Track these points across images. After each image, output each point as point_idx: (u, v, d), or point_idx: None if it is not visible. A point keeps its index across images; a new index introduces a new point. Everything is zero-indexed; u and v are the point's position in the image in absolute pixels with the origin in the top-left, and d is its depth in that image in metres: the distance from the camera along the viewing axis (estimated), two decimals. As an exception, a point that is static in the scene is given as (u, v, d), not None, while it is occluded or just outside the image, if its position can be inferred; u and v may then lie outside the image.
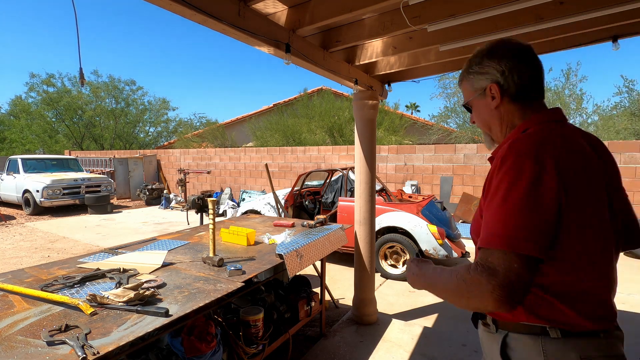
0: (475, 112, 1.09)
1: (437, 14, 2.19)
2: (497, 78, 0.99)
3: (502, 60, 0.98)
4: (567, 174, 0.83)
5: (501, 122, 1.03)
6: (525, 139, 0.88)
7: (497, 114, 1.02)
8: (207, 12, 1.70)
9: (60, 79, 21.54)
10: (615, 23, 2.25)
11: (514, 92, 0.98)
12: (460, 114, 12.21)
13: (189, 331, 1.83)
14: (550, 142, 0.86)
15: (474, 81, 1.05)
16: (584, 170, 0.86)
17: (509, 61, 0.98)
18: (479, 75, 1.03)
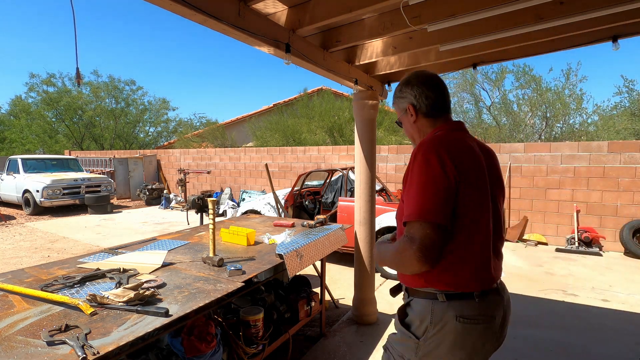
0: (404, 127, 1.41)
1: (437, 14, 2.19)
2: (412, 101, 1.31)
3: (414, 87, 1.30)
4: (460, 163, 1.11)
5: (419, 132, 1.34)
6: (429, 140, 1.16)
7: (415, 127, 1.34)
8: (207, 12, 1.70)
9: (61, 79, 21.57)
10: (615, 23, 2.25)
11: (425, 111, 1.30)
12: (460, 114, 12.21)
13: (189, 331, 1.83)
14: (447, 142, 1.16)
15: (399, 103, 1.37)
16: (472, 163, 1.15)
17: (419, 88, 1.30)
18: (401, 99, 1.35)
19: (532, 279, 4.65)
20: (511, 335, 3.12)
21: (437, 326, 1.12)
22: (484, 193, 1.16)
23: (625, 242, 5.72)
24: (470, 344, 1.12)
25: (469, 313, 1.11)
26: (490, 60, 3.09)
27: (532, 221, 6.80)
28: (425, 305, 1.15)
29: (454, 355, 1.12)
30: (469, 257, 1.12)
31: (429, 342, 1.13)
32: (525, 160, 6.82)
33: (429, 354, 1.14)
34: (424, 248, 1.04)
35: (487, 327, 1.15)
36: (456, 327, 1.10)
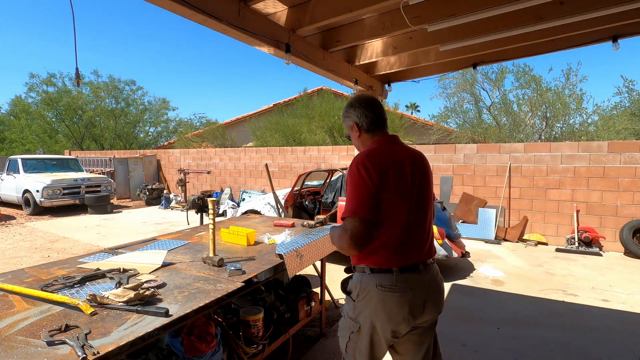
0: (352, 140, 1.70)
1: (437, 14, 2.19)
2: (356, 120, 1.62)
3: (357, 109, 1.61)
4: (383, 171, 1.42)
5: (362, 144, 1.65)
6: (361, 154, 1.48)
7: (360, 140, 1.65)
8: (207, 12, 1.70)
9: (61, 79, 21.56)
10: (615, 23, 2.25)
11: (366, 127, 1.61)
12: (460, 114, 12.21)
13: (189, 331, 1.83)
14: (373, 155, 1.47)
15: (346, 122, 1.68)
16: (393, 171, 1.44)
17: (360, 109, 1.60)
18: (347, 118, 1.66)
19: (532, 279, 4.65)
20: (511, 335, 3.12)
21: (364, 291, 1.48)
22: (403, 195, 1.46)
23: (625, 242, 5.72)
24: (388, 306, 1.44)
25: (386, 283, 1.43)
26: (490, 60, 3.10)
27: (532, 221, 6.80)
28: (358, 277, 1.52)
29: (377, 314, 1.45)
30: (388, 245, 1.44)
31: (360, 303, 1.49)
32: (525, 160, 6.82)
33: (361, 312, 1.48)
34: (354, 237, 1.39)
35: (402, 296, 1.43)
36: (377, 293, 1.44)
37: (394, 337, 1.48)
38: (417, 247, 1.49)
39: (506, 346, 2.95)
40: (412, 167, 1.51)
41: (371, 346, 1.49)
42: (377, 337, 1.47)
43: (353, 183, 1.43)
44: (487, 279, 4.66)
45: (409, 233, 1.46)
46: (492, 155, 7.13)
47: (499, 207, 6.96)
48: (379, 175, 1.40)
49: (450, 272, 4.91)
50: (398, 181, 1.44)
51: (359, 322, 1.48)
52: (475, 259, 5.48)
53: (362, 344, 1.49)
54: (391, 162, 1.47)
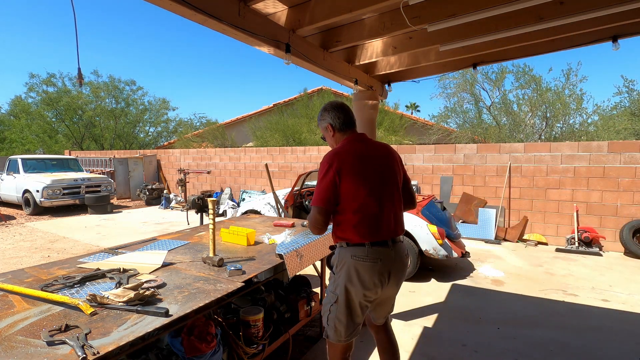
0: (327, 140, 1.97)
1: (437, 14, 2.19)
2: (330, 121, 1.91)
3: (330, 112, 1.91)
4: (344, 168, 1.70)
5: (336, 143, 1.91)
6: (328, 153, 1.77)
7: (334, 139, 1.93)
8: (207, 12, 1.70)
9: (61, 79, 21.56)
10: (615, 23, 2.25)
11: (338, 127, 1.90)
12: (460, 114, 12.21)
13: (189, 331, 1.83)
14: (338, 151, 1.76)
15: (321, 124, 1.96)
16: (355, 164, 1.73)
17: (332, 112, 1.91)
18: (322, 120, 1.95)
19: (532, 279, 4.65)
20: (511, 335, 3.12)
21: (341, 262, 1.76)
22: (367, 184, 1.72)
23: (625, 242, 5.72)
24: (361, 273, 1.71)
25: (359, 254, 1.72)
26: (490, 60, 3.09)
27: (532, 221, 6.80)
28: (337, 251, 1.81)
29: (351, 280, 1.72)
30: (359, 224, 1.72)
31: (338, 274, 1.77)
32: (525, 160, 6.82)
33: (339, 283, 1.75)
34: (315, 222, 1.71)
35: (373, 265, 1.71)
36: (352, 262, 1.72)
37: (366, 302, 1.76)
38: (385, 226, 1.76)
39: (506, 346, 2.95)
40: (377, 159, 1.80)
41: (348, 311, 1.74)
42: (353, 303, 1.74)
43: (319, 177, 1.74)
44: (487, 279, 4.66)
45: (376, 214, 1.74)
46: (492, 155, 7.13)
47: (499, 207, 6.96)
48: (340, 171, 1.69)
49: (450, 272, 4.91)
50: (361, 172, 1.72)
51: (337, 294, 1.75)
52: (475, 259, 5.49)
53: (341, 311, 1.75)
54: (353, 158, 1.74)
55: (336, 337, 1.79)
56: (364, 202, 1.71)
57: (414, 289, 4.28)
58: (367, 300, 1.75)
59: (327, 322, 1.79)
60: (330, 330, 1.78)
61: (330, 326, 1.78)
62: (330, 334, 1.79)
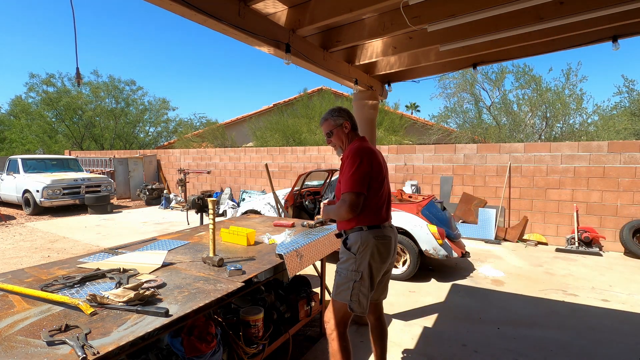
0: (336, 136, 2.18)
1: (437, 14, 2.19)
2: (347, 119, 2.16)
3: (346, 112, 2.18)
4: (371, 162, 1.97)
5: (348, 140, 2.17)
6: (356, 147, 2.02)
7: (348, 137, 2.17)
8: (207, 12, 1.70)
9: (61, 79, 21.52)
10: (615, 23, 2.25)
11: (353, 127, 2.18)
12: (460, 114, 12.20)
13: (189, 331, 1.83)
14: (364, 148, 2.02)
15: (336, 120, 2.16)
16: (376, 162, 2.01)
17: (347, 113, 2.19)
18: (339, 117, 2.16)
19: (532, 279, 4.65)
20: (511, 335, 3.12)
21: (364, 244, 1.98)
22: (381, 179, 2.04)
23: (625, 242, 5.72)
24: (382, 251, 2.02)
25: (379, 234, 2.01)
26: (490, 60, 3.09)
27: (532, 221, 6.80)
28: (356, 235, 2.01)
29: (374, 257, 1.99)
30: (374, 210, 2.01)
31: (360, 254, 1.98)
32: (525, 160, 6.82)
33: (362, 262, 1.98)
34: (352, 205, 1.91)
35: (388, 243, 2.05)
36: (375, 243, 1.99)
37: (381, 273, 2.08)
38: (389, 212, 2.14)
39: (506, 346, 2.95)
40: (380, 158, 2.11)
41: (371, 285, 2.01)
42: (374, 277, 2.02)
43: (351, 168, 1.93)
44: (487, 279, 4.66)
45: (383, 202, 2.07)
46: (492, 155, 7.13)
47: (499, 207, 6.96)
48: (371, 162, 1.96)
49: (450, 272, 4.91)
50: (376, 167, 2.01)
51: (361, 271, 1.97)
52: (475, 259, 5.49)
53: (365, 286, 1.98)
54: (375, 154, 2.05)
55: (360, 309, 1.99)
56: (382, 192, 2.04)
57: (414, 289, 4.28)
58: (382, 272, 2.08)
59: (349, 298, 1.99)
60: (354, 304, 1.98)
61: (354, 301, 1.98)
62: (354, 307, 1.99)
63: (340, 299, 2.01)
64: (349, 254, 2.01)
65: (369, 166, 1.96)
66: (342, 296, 2.00)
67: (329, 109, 2.23)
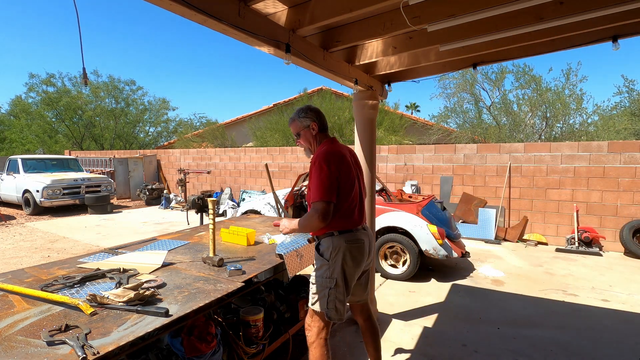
0: (304, 138, 2.12)
1: (437, 14, 2.19)
2: (314, 120, 2.08)
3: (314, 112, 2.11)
4: (338, 166, 1.91)
5: (316, 142, 2.10)
6: (322, 151, 1.95)
7: (316, 139, 2.10)
8: (207, 12, 1.70)
9: (61, 79, 21.53)
10: (615, 23, 2.25)
11: (321, 127, 2.10)
12: (460, 114, 12.20)
13: (189, 331, 1.83)
14: (331, 152, 1.94)
15: (303, 122, 2.09)
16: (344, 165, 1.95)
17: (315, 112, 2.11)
18: (306, 118, 2.09)
19: (532, 279, 4.65)
20: (511, 335, 3.12)
21: (336, 249, 1.95)
22: (351, 181, 1.98)
23: (625, 242, 5.72)
24: (355, 255, 1.98)
25: (351, 238, 1.97)
26: (490, 60, 3.09)
27: (532, 221, 6.80)
28: (328, 240, 1.97)
29: (347, 261, 1.95)
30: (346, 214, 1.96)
31: (333, 260, 1.94)
32: (525, 160, 6.82)
33: (335, 268, 1.94)
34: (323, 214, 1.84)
35: (361, 246, 2.00)
36: (347, 247, 1.95)
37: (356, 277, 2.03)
38: (361, 214, 2.07)
39: (506, 346, 2.95)
40: (350, 159, 2.06)
41: (347, 290, 1.98)
42: (348, 282, 1.98)
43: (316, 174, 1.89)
44: (487, 279, 4.66)
45: (355, 205, 2.01)
46: (492, 155, 7.13)
47: (499, 207, 6.96)
48: (339, 169, 1.90)
49: (450, 272, 4.91)
50: (345, 170, 1.95)
51: (335, 277, 1.93)
52: (475, 259, 5.49)
53: (340, 292, 1.95)
54: (343, 156, 1.97)
55: (338, 316, 1.95)
56: (353, 195, 1.99)
57: (414, 289, 4.28)
58: (356, 276, 2.04)
59: (326, 306, 1.95)
60: (332, 312, 1.94)
61: (331, 308, 1.94)
62: (331, 315, 1.94)
63: (317, 307, 1.97)
64: (322, 260, 1.97)
65: (337, 171, 1.89)
66: (319, 304, 1.96)
67: (298, 108, 2.15)
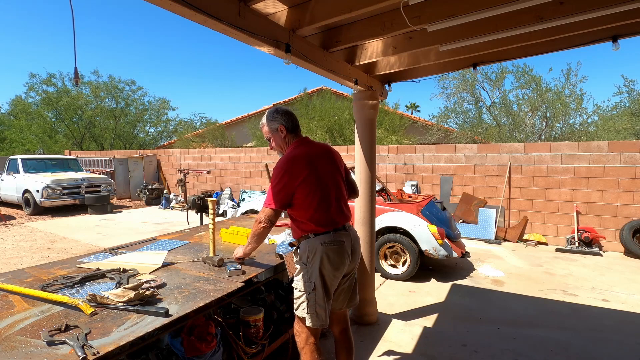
0: (274, 141, 2.07)
1: (437, 14, 2.19)
2: (282, 122, 2.03)
3: (281, 114, 2.04)
4: (300, 172, 1.88)
5: (285, 144, 2.05)
6: (283, 157, 1.96)
7: (285, 141, 2.05)
8: (207, 12, 1.69)
9: (61, 79, 21.51)
10: (615, 23, 2.25)
11: (290, 129, 2.04)
12: (460, 114, 12.20)
13: (189, 331, 1.83)
14: (291, 157, 1.92)
15: (272, 125, 2.05)
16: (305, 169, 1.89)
17: (284, 115, 2.04)
18: (274, 122, 2.04)
19: (532, 279, 4.65)
20: (511, 335, 3.12)
21: (312, 252, 1.89)
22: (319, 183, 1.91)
23: (625, 242, 5.72)
24: (332, 258, 1.89)
25: (327, 240, 1.90)
26: (490, 60, 3.09)
27: (532, 221, 6.80)
28: (305, 243, 1.93)
29: (324, 264, 1.88)
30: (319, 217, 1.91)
31: (311, 263, 1.89)
32: (525, 160, 6.82)
33: (315, 269, 1.88)
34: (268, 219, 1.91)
35: (339, 248, 1.92)
36: (322, 248, 1.88)
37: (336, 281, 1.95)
38: (340, 214, 1.99)
39: (506, 346, 2.95)
40: (322, 159, 1.99)
41: (326, 294, 1.90)
42: (328, 286, 1.90)
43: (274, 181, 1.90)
44: (487, 279, 4.66)
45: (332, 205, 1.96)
46: (492, 155, 7.13)
47: (499, 207, 6.96)
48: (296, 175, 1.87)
49: (450, 272, 4.91)
50: (313, 172, 1.90)
51: (313, 281, 1.87)
52: (475, 259, 5.49)
53: (319, 296, 1.88)
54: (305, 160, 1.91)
55: (319, 322, 1.88)
56: (322, 197, 1.92)
57: (414, 289, 4.28)
58: (336, 280, 1.95)
59: (306, 311, 1.88)
60: (312, 317, 1.87)
61: (311, 314, 1.87)
62: (312, 321, 1.87)
63: (300, 313, 1.92)
64: (301, 263, 1.93)
65: (291, 178, 1.85)
66: (300, 310, 1.91)
67: (267, 111, 2.10)
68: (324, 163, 1.99)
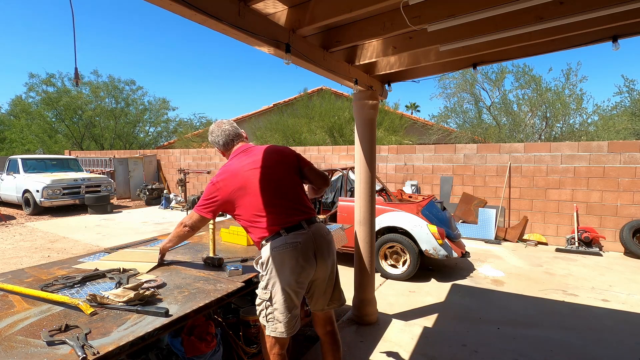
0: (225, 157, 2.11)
1: (437, 14, 2.19)
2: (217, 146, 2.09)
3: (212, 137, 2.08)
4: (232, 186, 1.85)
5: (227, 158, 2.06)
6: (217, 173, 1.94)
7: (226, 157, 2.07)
8: (207, 12, 1.69)
9: (61, 79, 21.49)
10: (615, 23, 2.25)
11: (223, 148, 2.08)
12: (460, 114, 12.20)
13: (189, 331, 1.83)
14: (222, 171, 1.93)
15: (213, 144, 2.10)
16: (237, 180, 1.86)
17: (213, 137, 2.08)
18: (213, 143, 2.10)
19: (532, 279, 4.65)
20: (511, 335, 3.12)
21: (266, 258, 1.79)
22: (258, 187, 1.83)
23: (625, 242, 5.72)
24: (286, 261, 1.75)
25: (277, 245, 1.77)
26: (490, 60, 3.09)
27: (532, 221, 6.80)
28: (261, 251, 1.85)
29: (282, 271, 1.76)
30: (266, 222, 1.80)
31: (266, 271, 1.79)
32: (525, 160, 6.82)
33: (271, 276, 1.78)
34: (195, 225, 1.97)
35: (294, 249, 1.76)
36: (273, 255, 1.77)
37: (299, 288, 1.79)
38: (292, 211, 1.86)
39: (506, 346, 2.95)
40: (262, 161, 1.91)
41: (285, 303, 1.76)
42: (286, 293, 1.76)
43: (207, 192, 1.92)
44: (487, 279, 4.66)
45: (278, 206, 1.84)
46: (492, 155, 7.13)
47: (499, 207, 6.96)
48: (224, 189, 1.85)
49: (450, 272, 4.91)
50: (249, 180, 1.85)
51: (269, 289, 1.78)
52: (475, 259, 5.49)
53: (279, 305, 1.76)
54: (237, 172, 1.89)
55: (278, 332, 1.76)
56: (264, 202, 1.82)
57: (414, 289, 4.28)
58: (299, 285, 1.79)
59: (265, 320, 1.79)
60: (270, 327, 1.77)
61: (270, 323, 1.77)
62: (270, 331, 1.77)
63: (261, 321, 1.82)
64: (259, 272, 1.85)
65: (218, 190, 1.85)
66: (261, 318, 1.82)
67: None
68: (264, 165, 1.89)
